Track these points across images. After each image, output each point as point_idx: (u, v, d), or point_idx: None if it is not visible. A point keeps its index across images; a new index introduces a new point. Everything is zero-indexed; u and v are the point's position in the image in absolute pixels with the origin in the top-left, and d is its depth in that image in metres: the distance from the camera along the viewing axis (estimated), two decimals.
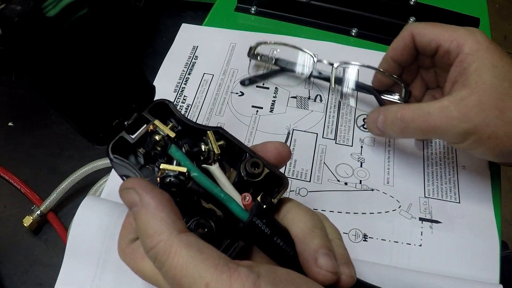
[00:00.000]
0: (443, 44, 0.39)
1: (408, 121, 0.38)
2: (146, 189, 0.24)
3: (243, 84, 0.51)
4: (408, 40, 0.42)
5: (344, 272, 0.26)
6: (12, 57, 0.23)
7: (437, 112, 0.36)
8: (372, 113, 0.42)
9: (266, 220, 0.26)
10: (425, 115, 0.37)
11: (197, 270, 0.22)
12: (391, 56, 0.44)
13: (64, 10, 0.24)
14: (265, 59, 0.52)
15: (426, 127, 0.37)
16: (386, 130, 0.40)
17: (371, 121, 0.42)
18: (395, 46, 0.43)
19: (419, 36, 0.41)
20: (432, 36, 0.40)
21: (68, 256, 0.37)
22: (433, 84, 0.45)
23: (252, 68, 0.53)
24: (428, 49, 0.41)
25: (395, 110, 0.39)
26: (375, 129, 0.42)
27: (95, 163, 0.74)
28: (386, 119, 0.40)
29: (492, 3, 1.55)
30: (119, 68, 0.30)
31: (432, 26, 0.40)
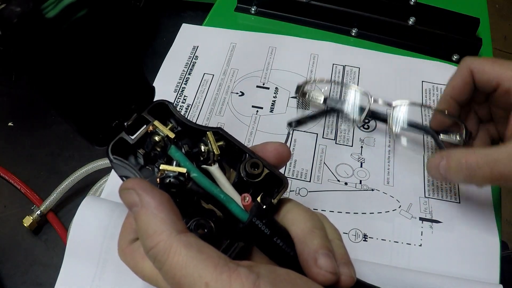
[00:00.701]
0: (503, 84, 0.38)
1: (474, 169, 0.35)
2: (146, 190, 0.24)
3: (290, 126, 0.47)
4: (468, 78, 0.40)
5: (344, 272, 0.26)
6: (12, 57, 0.23)
7: (506, 159, 0.34)
8: (433, 158, 0.39)
9: (266, 221, 0.26)
10: (493, 162, 0.35)
11: (197, 270, 0.22)
12: (451, 95, 0.41)
13: (63, 11, 0.24)
14: (313, 99, 0.48)
15: (494, 175, 0.35)
16: (450, 176, 0.38)
17: (433, 166, 0.39)
18: (454, 84, 0.41)
19: (479, 73, 0.39)
20: (493, 74, 0.38)
21: (68, 256, 0.37)
22: (486, 117, 0.43)
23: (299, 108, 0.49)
24: (488, 87, 0.39)
25: (459, 156, 0.37)
26: (437, 175, 0.39)
27: (95, 163, 0.74)
28: (450, 165, 0.37)
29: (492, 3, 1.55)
30: (119, 69, 0.30)
31: (492, 62, 0.39)
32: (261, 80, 0.53)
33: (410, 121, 0.45)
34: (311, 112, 0.48)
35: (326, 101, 0.48)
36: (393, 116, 0.44)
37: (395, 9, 0.56)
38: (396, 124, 0.45)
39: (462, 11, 0.56)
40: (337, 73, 0.53)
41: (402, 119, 0.45)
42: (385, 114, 0.46)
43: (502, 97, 0.39)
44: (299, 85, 0.48)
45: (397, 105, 0.44)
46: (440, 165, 0.38)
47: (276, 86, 0.52)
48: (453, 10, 0.56)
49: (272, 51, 0.55)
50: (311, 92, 0.48)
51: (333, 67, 0.54)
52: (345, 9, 0.57)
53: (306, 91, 0.48)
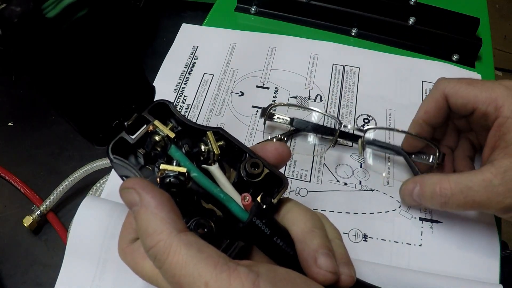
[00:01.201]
0: (479, 107, 0.37)
1: (448, 197, 0.35)
2: (146, 189, 0.24)
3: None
4: (442, 103, 0.39)
5: (344, 272, 0.26)
6: (12, 57, 0.23)
7: (480, 187, 0.34)
8: (407, 184, 0.39)
9: (265, 220, 0.26)
10: (467, 190, 0.34)
11: (197, 269, 0.22)
12: (424, 120, 0.40)
13: (64, 11, 0.24)
14: (280, 120, 0.46)
15: (468, 203, 0.35)
16: (424, 202, 0.38)
17: (407, 193, 0.39)
18: (427, 109, 0.40)
19: (453, 97, 0.38)
20: (468, 97, 0.37)
21: (68, 256, 0.37)
22: (466, 128, 0.42)
23: (266, 130, 0.47)
24: (463, 111, 0.38)
25: (434, 182, 0.36)
26: (411, 201, 0.39)
27: (95, 163, 0.74)
28: (424, 192, 0.37)
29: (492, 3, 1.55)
30: (119, 69, 0.30)
31: (467, 84, 0.38)
32: (261, 80, 0.53)
33: (381, 143, 0.44)
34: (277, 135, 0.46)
35: (293, 122, 0.46)
36: (364, 139, 0.43)
37: (395, 9, 0.56)
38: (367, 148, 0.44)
39: (462, 11, 0.56)
40: (337, 73, 0.53)
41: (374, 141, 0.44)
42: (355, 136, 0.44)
43: (480, 120, 0.38)
44: (264, 108, 0.46)
45: (368, 130, 0.43)
46: (414, 192, 0.38)
47: (276, 86, 0.52)
48: (453, 10, 0.56)
49: (272, 51, 0.55)
50: (278, 114, 0.46)
51: (333, 67, 0.54)
52: (345, 9, 0.57)
53: (272, 113, 0.46)
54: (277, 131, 0.48)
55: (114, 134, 0.30)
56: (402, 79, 0.53)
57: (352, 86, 0.52)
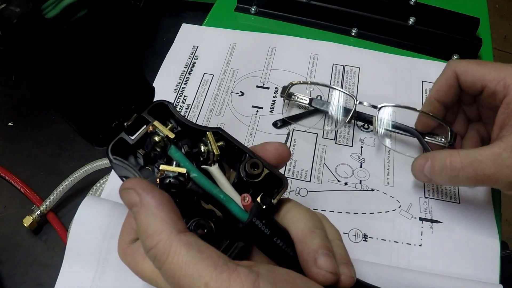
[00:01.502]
0: (489, 85, 0.37)
1: (458, 170, 0.36)
2: (146, 189, 0.24)
3: (276, 126, 0.48)
4: (452, 80, 0.40)
5: (344, 272, 0.26)
6: (12, 57, 0.23)
7: (489, 160, 0.34)
8: (418, 160, 0.40)
9: (265, 221, 0.26)
10: (476, 163, 0.35)
11: (197, 270, 0.22)
12: (436, 98, 0.41)
13: (63, 11, 0.24)
14: (299, 99, 0.48)
15: (478, 176, 0.35)
16: (434, 177, 0.38)
17: (418, 168, 0.39)
18: (439, 87, 0.41)
19: (463, 75, 0.39)
20: (478, 76, 0.38)
21: (68, 256, 0.37)
22: (476, 118, 0.43)
23: (285, 108, 0.49)
24: (473, 89, 0.39)
25: (444, 157, 0.37)
26: (422, 177, 0.39)
27: (95, 163, 0.74)
28: (434, 167, 0.38)
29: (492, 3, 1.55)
30: (119, 69, 0.30)
31: (477, 64, 0.39)
32: (261, 80, 0.53)
33: (395, 123, 0.45)
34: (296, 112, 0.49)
35: (312, 102, 0.48)
36: (378, 118, 0.44)
37: (395, 9, 0.56)
38: (381, 126, 0.45)
39: (462, 11, 0.56)
40: (337, 73, 0.53)
41: (387, 121, 0.45)
42: (370, 116, 0.45)
43: (488, 99, 0.39)
44: (285, 86, 0.48)
45: (383, 107, 0.44)
46: (425, 167, 0.38)
47: (276, 86, 0.52)
48: (453, 10, 0.56)
49: (272, 51, 0.55)
50: (297, 93, 0.48)
51: (333, 67, 0.54)
52: (345, 9, 0.57)
53: (291, 92, 0.48)
54: (294, 110, 0.50)
55: (114, 135, 0.30)
56: (402, 79, 0.53)
57: (352, 86, 0.52)
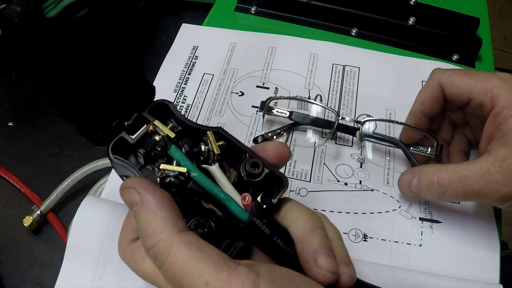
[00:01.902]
0: (475, 97, 0.37)
1: (446, 186, 0.35)
2: (146, 188, 0.25)
3: (256, 142, 0.46)
4: (437, 92, 0.39)
5: (344, 272, 0.26)
6: (12, 57, 0.23)
7: (477, 176, 0.34)
8: (404, 175, 0.39)
9: (266, 220, 0.26)
10: (464, 179, 0.34)
11: (197, 269, 0.22)
12: (420, 110, 0.40)
13: (64, 11, 0.24)
14: (278, 113, 0.47)
15: (466, 192, 0.35)
16: (422, 193, 0.38)
17: (405, 184, 0.39)
18: (423, 99, 0.40)
19: (449, 87, 0.38)
20: (464, 87, 0.37)
21: (68, 256, 0.37)
22: (462, 122, 0.42)
23: (265, 123, 0.48)
24: (459, 101, 0.38)
25: (431, 173, 0.36)
26: (409, 193, 0.39)
27: (95, 163, 0.74)
28: (421, 183, 0.37)
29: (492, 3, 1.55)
30: (119, 69, 0.30)
31: (462, 74, 0.38)
32: (261, 80, 0.53)
33: (379, 135, 0.45)
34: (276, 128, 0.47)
35: (292, 115, 0.46)
36: (362, 131, 0.43)
37: (395, 9, 0.56)
38: (365, 139, 0.45)
39: (462, 11, 0.56)
40: (337, 73, 0.53)
41: (372, 133, 0.44)
42: (354, 128, 0.44)
43: (475, 110, 0.38)
44: (263, 101, 0.46)
45: (366, 121, 0.43)
46: (412, 183, 0.38)
47: (276, 86, 0.52)
48: (453, 10, 0.56)
49: (272, 51, 0.55)
50: (277, 107, 0.47)
51: (333, 67, 0.54)
52: (345, 9, 0.57)
53: (271, 107, 0.47)
54: (276, 125, 0.48)
55: (114, 134, 0.31)
56: (402, 79, 0.53)
57: (352, 86, 0.52)
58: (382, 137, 0.45)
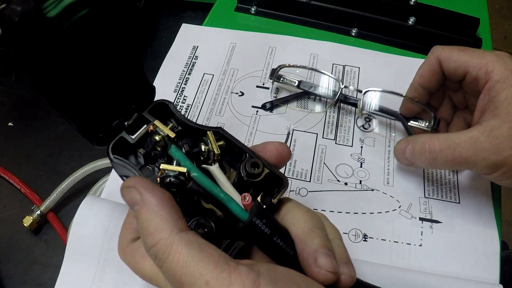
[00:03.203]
0: (471, 71, 0.38)
1: (436, 153, 0.37)
2: (147, 188, 0.25)
3: (264, 108, 0.49)
4: (436, 66, 0.41)
5: (344, 272, 0.26)
6: (13, 57, 0.23)
7: (466, 143, 0.35)
8: (400, 143, 0.41)
9: (266, 220, 0.26)
10: (454, 147, 0.36)
11: (198, 268, 0.22)
12: (419, 83, 0.42)
13: (64, 11, 0.24)
14: (288, 81, 0.50)
15: (455, 159, 0.36)
16: (415, 160, 0.40)
17: (400, 151, 0.41)
18: (422, 73, 0.42)
19: (446, 61, 0.40)
20: (460, 62, 0.39)
21: (68, 256, 0.37)
22: (462, 105, 0.44)
23: (274, 90, 0.51)
24: (456, 75, 0.40)
25: (424, 140, 0.38)
26: (403, 160, 0.41)
27: (95, 163, 0.74)
28: (415, 150, 0.39)
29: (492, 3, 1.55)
30: (120, 68, 0.30)
31: (459, 50, 0.39)
32: (261, 80, 0.53)
33: (380, 107, 0.46)
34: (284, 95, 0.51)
35: (300, 84, 0.49)
36: (362, 101, 0.46)
37: (395, 9, 0.56)
38: (366, 109, 0.47)
39: (462, 11, 0.56)
40: (337, 73, 0.53)
41: (372, 104, 0.46)
42: (356, 99, 0.47)
43: (471, 85, 0.39)
44: (274, 69, 0.49)
45: (367, 91, 0.46)
46: (406, 150, 0.40)
47: (276, 86, 0.52)
48: (453, 10, 0.56)
49: (272, 51, 0.55)
50: (286, 76, 0.50)
51: (333, 67, 0.54)
52: (345, 9, 0.57)
53: (280, 75, 0.50)
54: (284, 93, 0.51)
55: (114, 134, 0.31)
56: (402, 79, 0.52)
57: (352, 86, 0.52)
58: (383, 108, 0.46)
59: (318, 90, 0.49)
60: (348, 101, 0.48)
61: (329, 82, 0.49)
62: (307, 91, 0.50)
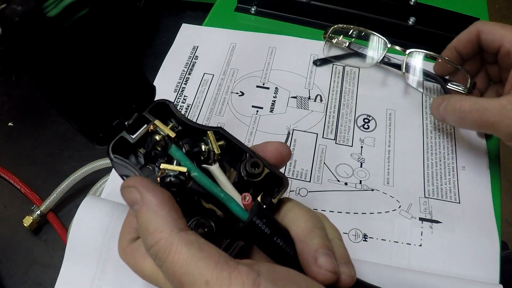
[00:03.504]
0: (504, 45, 0.41)
1: (466, 113, 0.40)
2: (147, 187, 0.25)
3: (316, 64, 0.53)
4: (474, 36, 0.44)
5: (344, 271, 0.26)
6: (13, 56, 0.23)
7: (494, 109, 0.38)
8: (436, 99, 0.44)
9: (266, 220, 0.26)
10: (483, 110, 0.39)
11: (197, 268, 0.22)
12: (454, 46, 0.46)
13: (65, 10, 0.24)
14: (339, 42, 0.54)
15: (482, 121, 0.39)
16: (446, 116, 0.42)
17: (435, 105, 0.44)
18: (460, 38, 0.45)
19: (484, 33, 0.43)
20: (497, 35, 0.42)
21: (68, 256, 0.37)
22: (497, 78, 0.46)
23: (325, 49, 0.55)
24: (491, 47, 0.43)
25: (456, 100, 0.41)
26: (437, 114, 0.44)
27: (95, 163, 0.74)
28: (448, 107, 0.42)
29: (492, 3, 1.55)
30: (120, 68, 0.30)
31: (499, 26, 0.42)
32: (261, 80, 0.53)
33: (422, 69, 0.50)
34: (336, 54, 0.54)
35: (350, 45, 0.54)
36: (406, 62, 0.50)
37: (395, 9, 0.56)
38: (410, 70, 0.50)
39: (462, 11, 0.56)
40: (337, 73, 0.53)
41: (415, 66, 0.50)
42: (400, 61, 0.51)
43: (505, 58, 0.42)
44: (327, 29, 0.54)
45: (412, 52, 0.49)
46: (441, 106, 0.43)
47: (276, 86, 0.52)
48: (453, 10, 0.56)
49: (272, 51, 0.55)
50: (338, 36, 0.54)
51: (333, 67, 0.54)
52: (345, 9, 0.57)
53: (332, 36, 0.54)
54: (333, 51, 0.55)
55: (115, 134, 0.31)
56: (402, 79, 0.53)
57: (352, 86, 0.52)
58: (425, 71, 0.50)
59: (367, 50, 0.53)
60: (391, 62, 0.52)
61: (377, 42, 0.52)
62: (357, 51, 0.53)
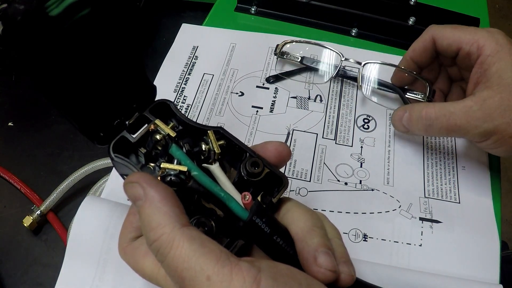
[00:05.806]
0: (463, 47, 0.40)
1: (432, 120, 0.39)
2: (150, 183, 0.25)
3: (268, 81, 0.52)
4: (429, 43, 0.43)
5: (343, 270, 0.26)
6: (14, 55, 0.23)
7: (461, 112, 0.38)
8: (397, 111, 0.43)
9: (266, 219, 0.26)
10: (449, 114, 0.38)
11: (199, 263, 0.22)
12: (410, 57, 0.45)
13: (66, 10, 0.24)
14: (291, 57, 0.53)
15: (450, 126, 0.38)
16: (411, 127, 0.42)
17: (397, 118, 0.43)
18: (415, 47, 0.44)
19: (440, 39, 0.42)
20: (453, 39, 0.41)
21: (68, 256, 0.37)
22: (458, 77, 0.46)
23: (278, 65, 0.54)
24: (449, 52, 0.42)
25: (420, 108, 0.41)
26: (400, 126, 0.43)
27: (95, 163, 0.74)
28: (411, 117, 0.41)
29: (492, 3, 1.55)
30: (121, 68, 0.30)
31: (453, 28, 0.42)
32: (261, 80, 0.53)
33: (379, 80, 0.49)
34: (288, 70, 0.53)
35: (303, 60, 0.52)
36: (362, 74, 0.48)
37: (395, 9, 0.56)
38: (365, 82, 0.49)
39: (462, 11, 0.56)
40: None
41: (371, 77, 0.49)
42: (355, 73, 0.50)
43: (464, 60, 0.41)
44: (278, 44, 0.52)
45: (366, 63, 0.48)
46: (404, 117, 0.42)
47: (276, 86, 0.52)
48: (453, 10, 0.56)
49: (272, 51, 0.55)
50: (289, 52, 0.53)
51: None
52: (345, 9, 0.57)
53: (284, 51, 0.53)
54: (287, 66, 0.54)
55: (115, 133, 0.31)
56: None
57: (352, 86, 0.52)
58: (381, 81, 0.49)
59: (320, 65, 0.52)
60: (348, 75, 0.51)
61: (331, 56, 0.51)
62: (310, 66, 0.52)
